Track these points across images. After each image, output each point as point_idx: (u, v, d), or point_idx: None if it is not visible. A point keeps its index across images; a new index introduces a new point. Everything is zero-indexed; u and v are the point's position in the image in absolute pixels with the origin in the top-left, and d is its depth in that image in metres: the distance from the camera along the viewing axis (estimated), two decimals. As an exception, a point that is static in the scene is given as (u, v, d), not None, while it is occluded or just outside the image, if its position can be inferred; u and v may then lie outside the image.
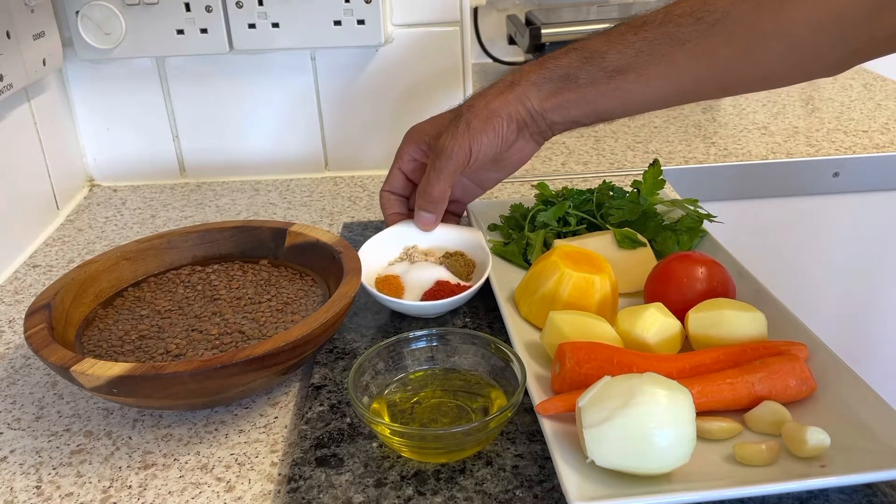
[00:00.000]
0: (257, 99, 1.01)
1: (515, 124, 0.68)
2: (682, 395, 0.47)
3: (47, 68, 0.91)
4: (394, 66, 0.99)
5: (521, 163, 0.73)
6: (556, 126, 0.70)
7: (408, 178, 0.75)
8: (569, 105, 0.67)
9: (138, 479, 0.54)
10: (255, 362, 0.55)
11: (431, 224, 0.73)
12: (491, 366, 0.58)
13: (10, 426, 0.60)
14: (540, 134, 0.71)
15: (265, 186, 1.04)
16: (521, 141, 0.70)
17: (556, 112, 0.68)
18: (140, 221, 0.96)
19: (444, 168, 0.69)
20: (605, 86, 0.65)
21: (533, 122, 0.69)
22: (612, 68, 0.65)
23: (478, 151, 0.68)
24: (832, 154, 1.06)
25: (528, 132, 0.70)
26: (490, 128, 0.68)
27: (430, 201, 0.71)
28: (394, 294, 0.69)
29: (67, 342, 0.61)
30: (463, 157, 0.68)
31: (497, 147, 0.69)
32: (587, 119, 0.69)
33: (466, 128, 0.68)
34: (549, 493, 0.50)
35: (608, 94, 0.66)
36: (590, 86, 0.66)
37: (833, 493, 0.49)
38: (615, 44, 0.65)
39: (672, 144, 1.12)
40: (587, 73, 0.66)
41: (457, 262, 0.72)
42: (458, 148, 0.68)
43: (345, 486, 0.51)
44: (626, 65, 0.64)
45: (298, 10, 0.92)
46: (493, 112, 0.68)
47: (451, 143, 0.68)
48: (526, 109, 0.68)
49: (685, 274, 0.64)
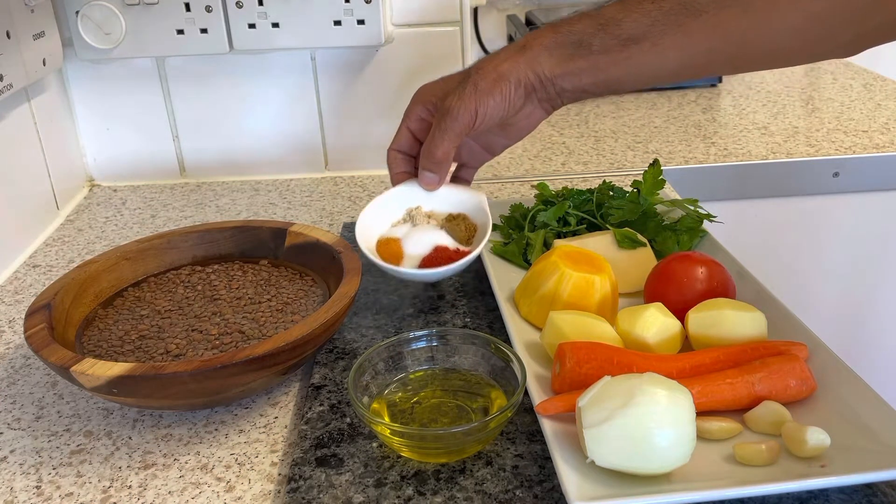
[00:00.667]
0: (257, 99, 1.01)
1: (523, 89, 0.67)
2: (682, 395, 0.47)
3: (47, 68, 0.91)
4: (394, 66, 0.99)
5: (529, 129, 0.72)
6: (566, 94, 0.68)
7: (415, 137, 0.73)
8: (580, 73, 0.66)
9: (138, 479, 0.54)
10: (255, 362, 0.55)
11: (435, 184, 0.71)
12: (491, 366, 0.58)
13: (10, 426, 0.60)
14: (549, 101, 0.69)
15: (265, 186, 1.04)
16: (530, 106, 0.69)
17: (566, 79, 0.66)
18: (140, 221, 0.96)
19: (448, 129, 0.67)
20: (619, 54, 0.64)
21: (542, 88, 0.67)
22: (626, 36, 0.64)
23: (483, 114, 0.67)
24: (832, 154, 1.06)
25: (536, 98, 0.68)
26: (497, 91, 0.66)
27: (433, 161, 0.69)
28: (393, 258, 0.68)
29: (67, 342, 0.61)
30: (468, 119, 0.67)
31: (504, 111, 0.67)
32: (597, 88, 0.67)
33: (474, 89, 0.66)
34: (549, 493, 0.50)
35: (621, 62, 0.64)
36: (603, 53, 0.64)
37: (833, 493, 0.49)
38: (631, 12, 0.64)
39: (672, 144, 1.12)
40: (601, 40, 0.64)
41: (458, 225, 0.71)
42: (464, 109, 0.66)
43: (345, 486, 0.51)
44: (641, 34, 0.63)
45: (298, 10, 0.92)
46: (502, 75, 0.66)
47: (458, 104, 0.67)
48: (535, 74, 0.66)
49: (685, 274, 0.64)
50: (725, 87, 1.38)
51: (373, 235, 0.71)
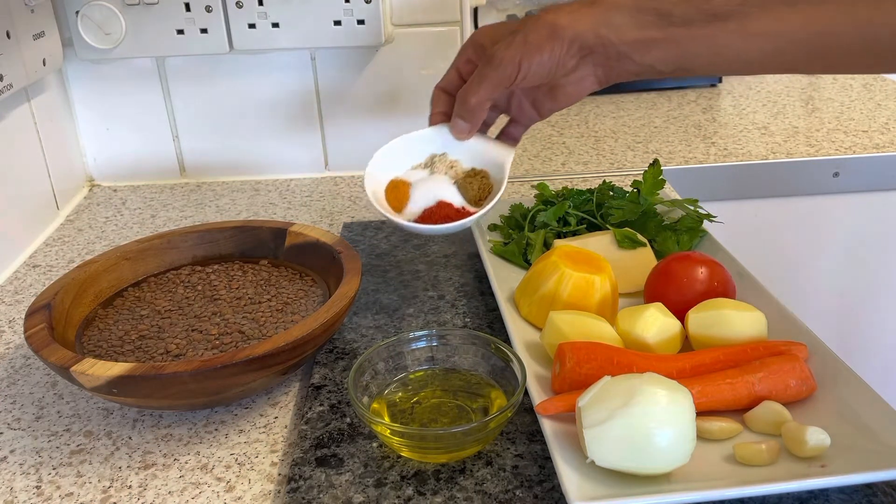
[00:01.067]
0: (257, 99, 1.01)
1: (577, 49, 0.62)
2: (682, 395, 0.47)
3: (47, 68, 0.91)
4: (394, 66, 0.99)
5: (578, 96, 0.67)
6: (629, 66, 0.62)
7: (462, 78, 0.70)
8: (652, 44, 0.60)
9: (138, 479, 0.54)
10: (255, 362, 0.55)
11: (465, 133, 0.68)
12: (491, 366, 0.58)
13: (10, 426, 0.60)
14: (605, 70, 0.64)
15: (265, 186, 1.04)
16: (583, 70, 0.64)
17: (634, 49, 0.61)
18: (140, 221, 0.96)
19: (486, 77, 0.63)
20: (700, 30, 0.58)
21: (602, 53, 0.62)
22: (713, 12, 0.58)
23: (527, 69, 0.62)
24: (832, 154, 1.06)
25: (591, 62, 0.63)
26: (547, 47, 0.61)
27: (465, 108, 0.66)
28: (396, 203, 0.67)
29: (67, 342, 0.61)
30: (510, 71, 0.62)
31: (550, 70, 0.62)
32: (666, 66, 0.61)
33: (523, 41, 0.62)
34: (549, 493, 0.50)
35: (700, 40, 0.59)
36: (683, 26, 0.59)
37: (833, 493, 0.49)
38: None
39: (672, 144, 1.12)
40: (683, 11, 0.59)
41: (472, 184, 0.68)
42: (508, 60, 0.62)
43: (345, 486, 0.51)
44: (729, 12, 0.58)
45: (298, 10, 0.92)
46: (556, 31, 0.61)
47: (503, 52, 0.62)
48: (598, 37, 0.61)
49: (685, 274, 0.64)
50: (725, 87, 1.38)
51: (387, 174, 0.69)
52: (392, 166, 0.69)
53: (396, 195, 0.67)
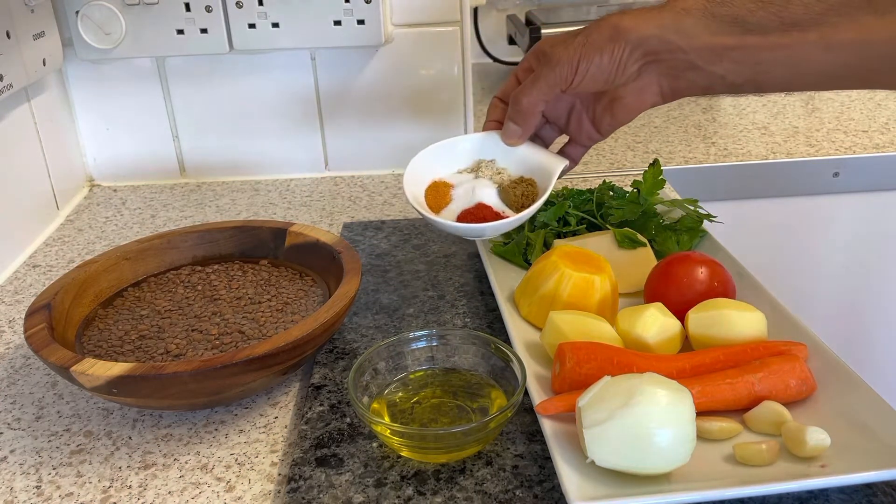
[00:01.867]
0: (257, 99, 1.01)
1: (641, 54, 0.58)
2: (682, 395, 0.47)
3: (47, 68, 0.91)
4: (394, 66, 0.99)
5: (638, 109, 0.63)
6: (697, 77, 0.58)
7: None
8: (724, 53, 0.56)
9: (138, 479, 0.54)
10: (255, 362, 0.55)
11: (516, 138, 0.65)
12: (491, 366, 0.58)
13: (10, 426, 0.60)
14: (670, 82, 0.59)
15: (265, 186, 1.04)
16: (646, 79, 0.60)
17: (704, 57, 0.57)
18: (140, 221, 0.96)
19: (542, 76, 0.60)
20: (778, 39, 0.54)
21: (669, 61, 0.58)
22: (791, 21, 0.54)
23: (585, 70, 0.59)
24: (832, 154, 1.06)
25: (655, 71, 0.59)
26: (608, 49, 0.58)
27: (517, 110, 0.63)
28: (436, 205, 0.65)
29: (67, 342, 0.61)
30: (567, 71, 0.59)
31: (609, 73, 0.59)
32: (739, 77, 0.57)
33: (584, 41, 0.59)
34: (549, 493, 0.50)
35: (777, 49, 0.55)
36: (758, 34, 0.55)
37: (833, 493, 0.49)
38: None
39: (672, 144, 1.12)
40: (760, 19, 0.55)
41: (516, 190, 0.66)
42: (566, 60, 0.59)
43: (345, 486, 0.51)
44: (810, 21, 0.54)
45: (298, 10, 0.92)
46: (619, 32, 0.58)
47: (561, 53, 0.59)
48: (665, 41, 0.57)
49: (685, 274, 0.64)
50: (725, 87, 1.38)
51: (430, 174, 0.67)
52: (436, 167, 0.67)
53: (436, 195, 0.66)
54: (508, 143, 0.66)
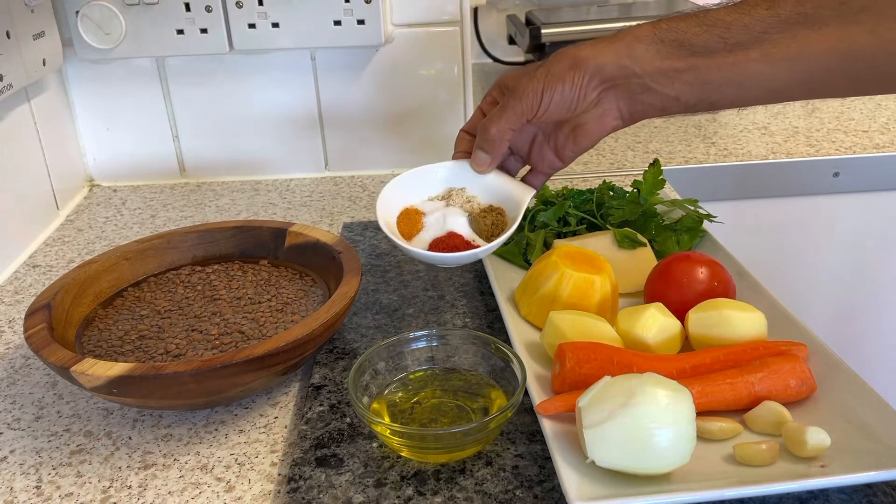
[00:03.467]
0: (257, 99, 1.01)
1: (599, 81, 0.61)
2: (682, 395, 0.47)
3: (47, 68, 0.91)
4: (394, 66, 0.99)
5: (599, 135, 0.66)
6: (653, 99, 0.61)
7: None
8: (675, 75, 0.60)
9: (138, 479, 0.54)
10: (255, 362, 0.55)
11: (485, 165, 0.67)
12: (491, 366, 0.58)
13: (10, 426, 0.60)
14: (628, 105, 0.63)
15: (265, 186, 1.04)
16: (605, 105, 0.63)
17: (658, 80, 0.60)
18: (140, 221, 0.96)
19: (508, 107, 0.63)
20: (724, 59, 0.58)
21: (625, 86, 0.61)
22: (734, 41, 0.58)
23: (549, 99, 0.62)
24: (832, 154, 1.06)
25: (614, 96, 0.62)
26: (569, 77, 0.61)
27: (485, 139, 0.65)
28: (408, 232, 0.66)
29: (67, 342, 0.61)
30: (533, 101, 0.62)
31: (573, 101, 0.62)
32: (692, 97, 0.60)
33: (546, 72, 0.62)
34: (549, 493, 0.50)
35: (725, 69, 0.58)
36: (705, 56, 0.58)
37: (833, 493, 0.49)
38: (743, 15, 0.58)
39: (672, 144, 1.12)
40: (706, 42, 0.58)
41: (486, 219, 0.67)
42: (531, 91, 0.62)
43: (345, 486, 0.51)
44: (752, 40, 0.57)
45: (298, 10, 0.92)
46: (579, 62, 0.61)
47: (526, 84, 0.62)
48: (621, 67, 0.61)
49: (685, 274, 0.64)
50: (725, 87, 1.38)
51: (402, 201, 0.68)
52: (408, 195, 0.69)
53: (408, 223, 0.67)
54: (478, 171, 0.68)
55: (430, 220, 0.67)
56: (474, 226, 0.67)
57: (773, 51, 0.57)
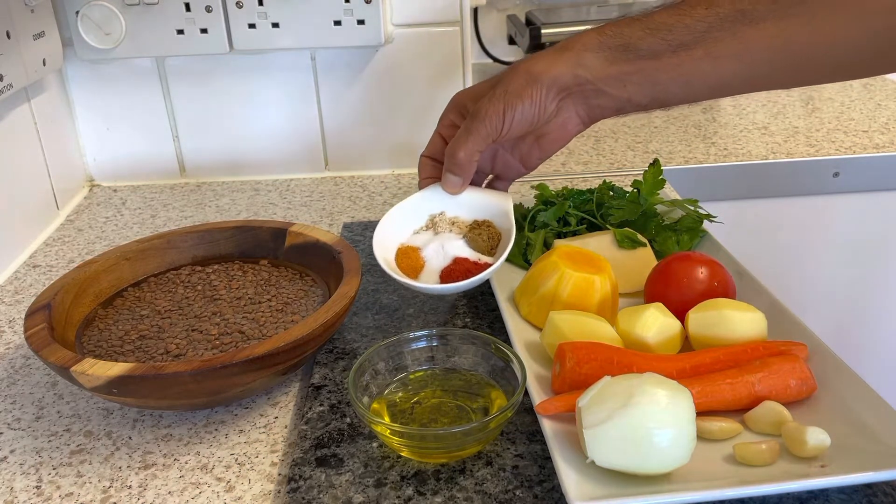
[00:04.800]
0: (257, 99, 1.01)
1: (556, 92, 0.63)
2: (682, 395, 0.47)
3: (47, 68, 0.91)
4: (394, 66, 0.99)
5: (563, 140, 0.68)
6: (607, 102, 0.64)
7: (446, 143, 0.70)
8: (625, 78, 0.62)
9: (138, 479, 0.54)
10: (255, 362, 0.55)
11: (457, 187, 0.68)
12: (491, 366, 0.58)
13: (10, 426, 0.60)
14: (587, 109, 0.65)
15: (265, 186, 1.04)
16: (565, 114, 0.65)
17: (609, 84, 0.63)
18: (140, 221, 0.96)
19: (473, 130, 0.64)
20: (669, 60, 0.60)
21: (581, 93, 0.64)
22: (678, 42, 0.60)
23: (511, 118, 0.63)
24: (832, 154, 1.06)
25: (571, 104, 0.65)
26: (527, 94, 0.63)
27: (454, 163, 0.66)
28: (411, 270, 0.66)
29: (67, 342, 0.61)
30: (496, 122, 0.64)
31: (534, 115, 0.64)
32: (643, 97, 0.63)
33: (504, 92, 0.63)
34: (549, 493, 0.50)
35: (671, 69, 0.61)
36: (652, 58, 0.61)
37: (833, 493, 0.49)
38: (684, 17, 0.60)
39: (672, 144, 1.12)
40: (651, 45, 0.61)
41: (481, 234, 0.68)
42: (493, 112, 0.63)
43: (345, 486, 0.51)
44: (694, 40, 0.60)
45: (298, 10, 0.92)
46: (534, 77, 0.63)
47: (487, 106, 0.64)
48: (574, 76, 0.63)
49: (685, 274, 0.64)
50: (725, 87, 1.38)
51: (393, 243, 0.68)
52: (395, 235, 0.69)
53: (408, 262, 0.67)
54: (451, 193, 0.69)
55: (428, 253, 0.67)
56: (472, 245, 0.68)
57: (715, 49, 0.59)
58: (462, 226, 0.70)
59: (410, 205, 0.70)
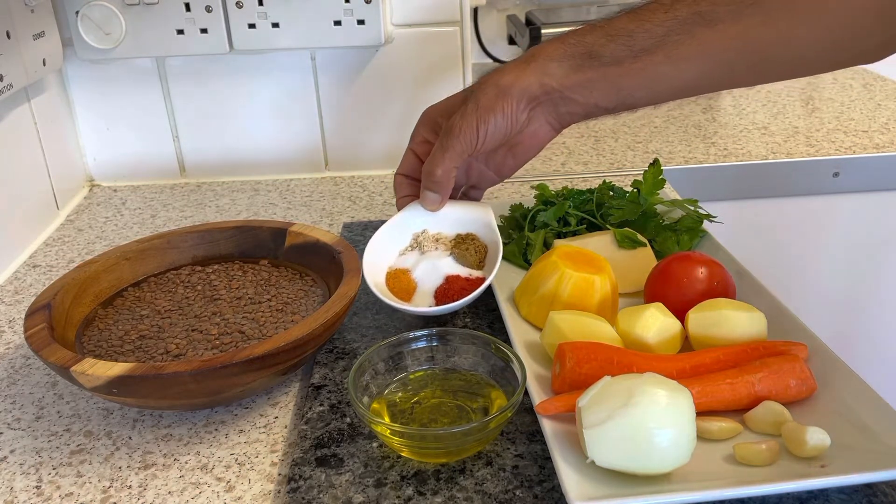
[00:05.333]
0: (257, 99, 1.01)
1: (526, 103, 0.65)
2: (682, 395, 0.47)
3: (47, 68, 0.91)
4: (394, 66, 0.99)
5: (537, 148, 0.70)
6: (576, 108, 0.65)
7: (420, 160, 0.72)
8: (590, 85, 0.63)
9: (138, 479, 0.54)
10: (255, 362, 0.55)
11: (437, 204, 0.69)
12: (491, 366, 0.58)
13: (10, 426, 0.60)
14: (556, 117, 0.67)
15: (265, 186, 1.04)
16: (536, 123, 0.67)
17: (576, 91, 0.64)
18: (140, 221, 0.96)
19: (449, 147, 0.65)
20: (631, 65, 0.62)
21: (549, 101, 0.65)
22: (639, 47, 0.61)
23: (484, 132, 0.65)
24: (832, 154, 1.06)
25: (541, 113, 0.66)
26: (499, 107, 0.64)
27: (433, 181, 0.68)
28: (404, 293, 0.67)
29: (67, 342, 0.61)
30: (471, 137, 0.65)
31: (507, 127, 0.65)
32: (610, 102, 0.65)
33: (475, 106, 0.65)
34: (549, 493, 0.50)
35: (634, 74, 0.62)
36: (614, 65, 0.62)
37: (833, 493, 0.49)
38: (644, 22, 0.61)
39: (672, 144, 1.12)
40: (612, 50, 0.62)
41: (467, 249, 0.69)
42: (466, 127, 0.65)
43: (345, 486, 0.51)
44: (655, 44, 0.61)
45: (298, 10, 0.92)
46: (504, 90, 0.64)
47: (460, 122, 0.65)
48: (541, 86, 0.64)
49: (685, 274, 0.64)
50: (725, 87, 1.38)
51: (381, 268, 0.69)
52: (382, 259, 0.70)
53: (400, 285, 0.67)
54: (431, 210, 0.70)
55: (419, 274, 0.68)
56: (461, 261, 0.69)
57: (676, 52, 0.60)
58: (446, 242, 0.71)
59: (393, 227, 0.71)
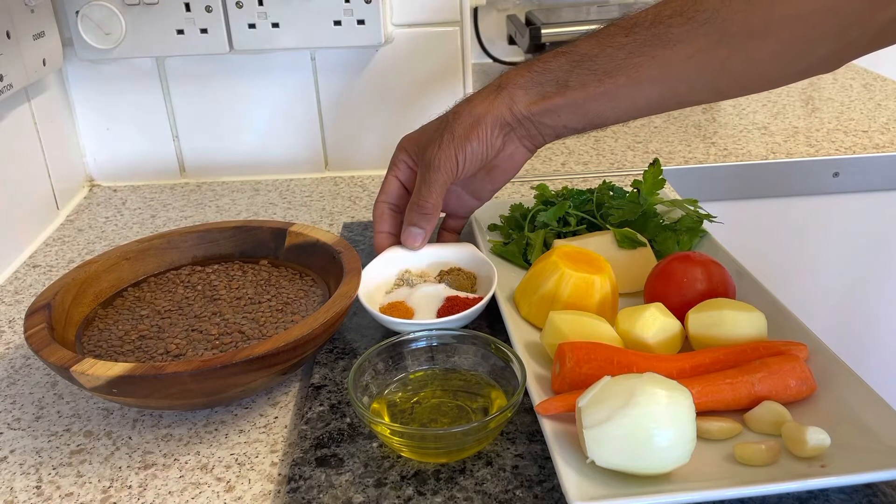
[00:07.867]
0: (257, 99, 1.01)
1: (499, 129, 0.68)
2: (682, 395, 0.47)
3: (47, 68, 0.91)
4: (394, 66, 0.99)
5: (514, 170, 0.72)
6: (546, 130, 0.68)
7: (403, 186, 0.74)
8: (558, 110, 0.66)
9: (138, 479, 0.54)
10: (255, 362, 0.55)
11: (419, 240, 0.71)
12: (491, 366, 0.58)
13: (10, 426, 0.60)
14: (529, 140, 0.69)
15: (265, 186, 1.04)
16: (510, 147, 0.69)
17: (545, 116, 0.67)
18: (140, 221, 0.96)
19: (434, 180, 0.68)
20: (595, 89, 0.64)
21: (521, 127, 0.68)
22: (602, 71, 0.64)
23: (463, 159, 0.67)
24: (832, 154, 1.06)
25: (515, 137, 0.69)
26: (474, 135, 0.67)
27: (422, 214, 0.70)
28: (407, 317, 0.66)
29: (67, 342, 0.61)
30: (451, 167, 0.68)
31: (483, 154, 0.68)
32: (579, 124, 0.67)
33: (451, 137, 0.67)
34: (549, 493, 0.50)
35: (598, 98, 0.64)
36: (579, 89, 0.65)
37: (833, 493, 0.49)
38: (605, 46, 0.64)
39: (672, 144, 1.12)
40: (577, 76, 0.65)
41: (457, 276, 0.70)
42: (445, 158, 0.67)
43: (345, 486, 0.51)
44: (617, 67, 0.63)
45: (298, 10, 0.92)
46: (477, 119, 0.67)
47: (438, 154, 0.67)
48: (512, 114, 0.67)
49: (685, 274, 0.64)
50: (725, 87, 1.38)
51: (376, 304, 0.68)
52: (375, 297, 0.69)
53: (399, 314, 0.66)
54: (414, 248, 0.72)
55: (416, 302, 0.67)
56: (454, 285, 0.69)
57: (637, 74, 0.63)
58: (431, 278, 0.71)
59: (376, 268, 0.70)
